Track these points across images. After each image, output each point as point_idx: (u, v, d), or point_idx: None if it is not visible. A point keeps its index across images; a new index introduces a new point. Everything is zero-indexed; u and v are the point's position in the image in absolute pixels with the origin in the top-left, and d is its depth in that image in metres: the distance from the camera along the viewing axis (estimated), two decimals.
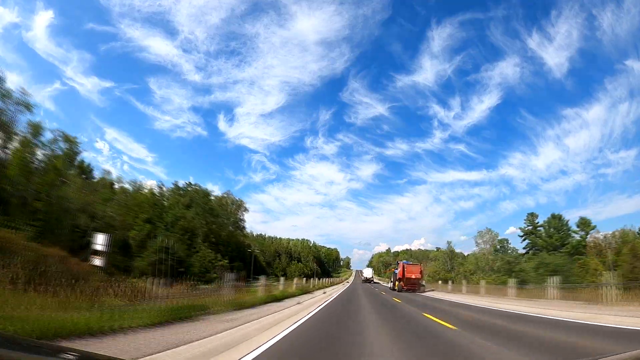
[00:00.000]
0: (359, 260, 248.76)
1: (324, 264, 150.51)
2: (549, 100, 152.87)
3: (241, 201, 71.04)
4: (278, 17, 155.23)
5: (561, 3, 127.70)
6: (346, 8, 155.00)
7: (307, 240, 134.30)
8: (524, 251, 55.93)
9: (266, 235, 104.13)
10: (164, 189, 55.01)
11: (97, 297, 7.97)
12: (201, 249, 47.02)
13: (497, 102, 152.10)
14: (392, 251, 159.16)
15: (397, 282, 37.08)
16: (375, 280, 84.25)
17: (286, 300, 16.31)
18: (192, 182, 60.99)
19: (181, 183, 59.49)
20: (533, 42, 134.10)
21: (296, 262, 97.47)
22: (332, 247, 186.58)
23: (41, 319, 4.77)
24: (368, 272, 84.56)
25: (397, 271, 38.70)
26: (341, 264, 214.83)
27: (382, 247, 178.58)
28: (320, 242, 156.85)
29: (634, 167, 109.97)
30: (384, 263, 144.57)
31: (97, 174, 44.81)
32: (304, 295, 21.09)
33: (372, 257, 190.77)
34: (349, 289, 38.37)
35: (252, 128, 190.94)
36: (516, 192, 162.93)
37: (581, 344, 6.49)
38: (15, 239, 11.72)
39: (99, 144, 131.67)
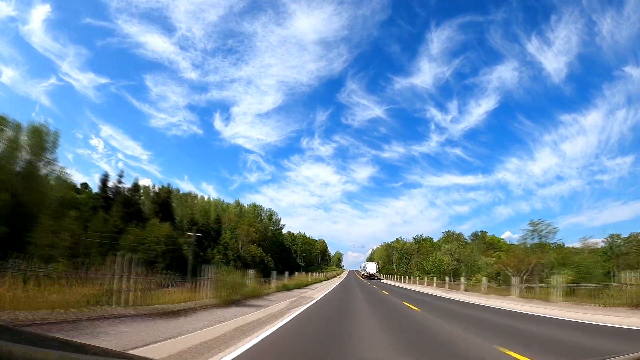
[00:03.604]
0: (354, 262, 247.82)
1: (289, 253, 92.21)
2: (546, 105, 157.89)
3: None
4: (276, 16, 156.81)
5: (561, 8, 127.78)
6: (345, 8, 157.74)
7: (257, 206, 76.51)
8: None
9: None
10: None
11: None
12: None
13: (494, 107, 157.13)
14: (402, 239, 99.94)
15: None
16: (379, 277, 71.27)
17: None
18: None
19: None
20: (532, 46, 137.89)
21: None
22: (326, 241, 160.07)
23: None
24: (372, 267, 74.94)
25: None
26: (331, 261, 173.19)
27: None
28: None
29: (629, 174, 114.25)
30: (405, 253, 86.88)
31: None
32: None
33: (373, 252, 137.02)
34: None
35: (248, 128, 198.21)
36: (512, 197, 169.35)
37: None
38: None
39: (94, 141, 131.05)
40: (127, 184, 43.77)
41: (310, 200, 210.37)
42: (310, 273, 41.85)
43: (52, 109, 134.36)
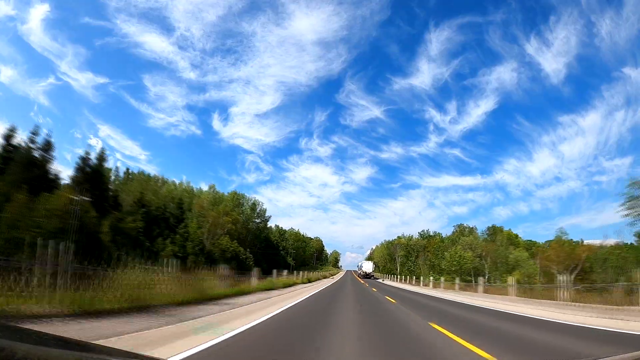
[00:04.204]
0: (352, 263, 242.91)
1: (277, 250, 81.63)
2: (545, 106, 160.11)
3: None
4: (275, 16, 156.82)
5: (560, 9, 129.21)
6: (345, 8, 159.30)
7: (238, 194, 66.00)
8: None
9: None
10: None
11: None
12: None
13: (493, 107, 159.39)
14: (407, 235, 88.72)
15: None
16: (376, 277, 71.45)
17: None
18: None
19: None
20: (531, 47, 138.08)
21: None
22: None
23: None
24: (368, 266, 74.65)
25: None
26: (327, 261, 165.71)
27: None
28: None
29: (628, 175, 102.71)
30: (411, 249, 76.21)
31: None
32: None
33: (372, 252, 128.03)
34: None
35: (247, 128, 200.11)
36: (510, 198, 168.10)
37: None
38: None
39: (93, 141, 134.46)
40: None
41: (308, 200, 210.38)
42: (267, 272, 31.25)
43: (51, 109, 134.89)
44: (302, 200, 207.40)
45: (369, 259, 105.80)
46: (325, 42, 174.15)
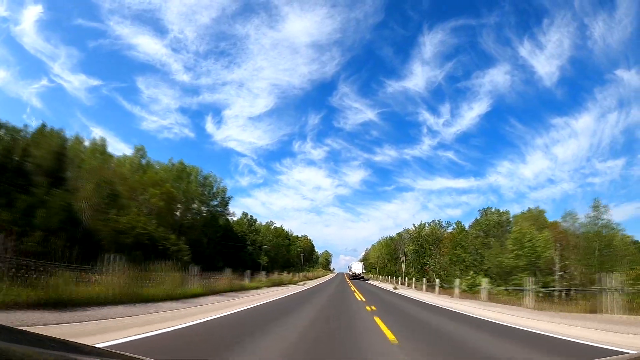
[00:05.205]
0: (345, 265, 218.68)
1: (243, 243, 65.12)
2: (538, 108, 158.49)
3: None
4: (269, 19, 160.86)
5: (553, 11, 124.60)
6: (338, 11, 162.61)
7: (186, 166, 49.51)
8: None
9: None
10: None
11: None
12: None
13: (486, 110, 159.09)
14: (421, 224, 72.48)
15: None
16: (366, 277, 73.31)
17: None
18: None
19: None
20: (524, 50, 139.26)
21: None
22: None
23: None
24: (357, 267, 75.67)
25: None
26: (317, 262, 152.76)
27: None
28: None
29: (620, 176, 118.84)
30: (425, 242, 59.96)
31: None
32: None
33: (368, 251, 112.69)
34: None
35: (240, 131, 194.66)
36: (504, 200, 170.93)
37: None
38: None
39: (85, 143, 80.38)
40: None
41: (302, 203, 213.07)
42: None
43: (44, 111, 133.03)
44: (295, 203, 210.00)
45: (363, 260, 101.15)
46: (319, 45, 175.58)
